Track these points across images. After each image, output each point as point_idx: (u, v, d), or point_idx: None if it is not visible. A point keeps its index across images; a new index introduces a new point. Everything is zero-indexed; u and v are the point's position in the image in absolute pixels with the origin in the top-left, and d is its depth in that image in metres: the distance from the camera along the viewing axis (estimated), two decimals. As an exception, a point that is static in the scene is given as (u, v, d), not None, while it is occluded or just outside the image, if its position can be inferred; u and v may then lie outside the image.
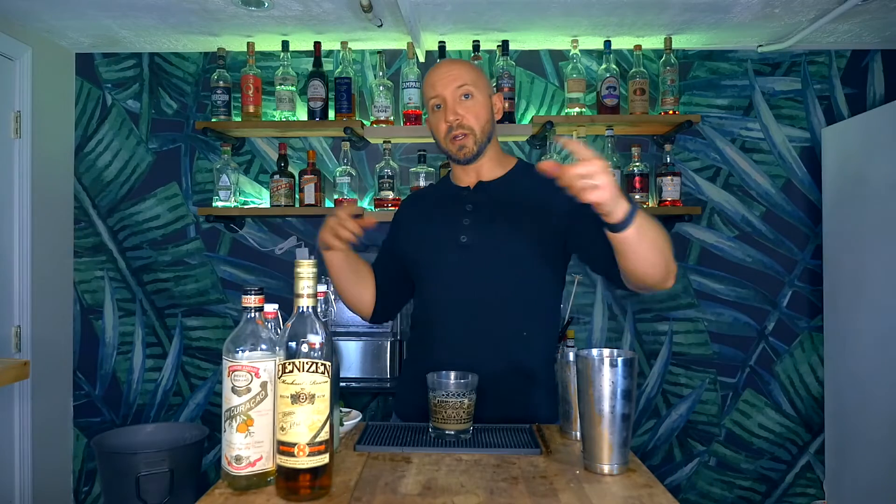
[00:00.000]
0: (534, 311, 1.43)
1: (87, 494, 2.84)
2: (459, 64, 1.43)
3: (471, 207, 1.43)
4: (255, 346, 0.98)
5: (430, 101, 1.42)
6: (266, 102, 2.76)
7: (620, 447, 1.06)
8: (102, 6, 2.35)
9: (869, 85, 2.77)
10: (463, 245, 1.41)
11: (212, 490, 0.98)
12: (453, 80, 1.38)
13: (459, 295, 1.41)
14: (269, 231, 2.84)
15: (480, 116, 1.40)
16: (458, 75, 1.38)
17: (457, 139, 1.39)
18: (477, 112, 1.39)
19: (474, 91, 1.39)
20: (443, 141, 1.42)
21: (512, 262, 1.40)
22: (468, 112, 1.38)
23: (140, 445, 2.34)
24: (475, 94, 1.39)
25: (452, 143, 1.40)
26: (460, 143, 1.39)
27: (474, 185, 1.46)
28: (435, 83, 1.40)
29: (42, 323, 2.61)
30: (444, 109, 1.39)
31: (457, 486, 1.00)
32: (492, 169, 1.47)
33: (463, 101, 1.38)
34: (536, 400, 1.42)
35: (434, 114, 1.42)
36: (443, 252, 1.44)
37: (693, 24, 2.51)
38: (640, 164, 2.63)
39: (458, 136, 1.39)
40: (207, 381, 2.83)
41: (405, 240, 1.54)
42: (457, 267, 1.42)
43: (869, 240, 2.35)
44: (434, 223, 1.48)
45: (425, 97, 1.44)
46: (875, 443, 2.29)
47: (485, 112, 1.41)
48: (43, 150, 2.63)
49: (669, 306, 2.78)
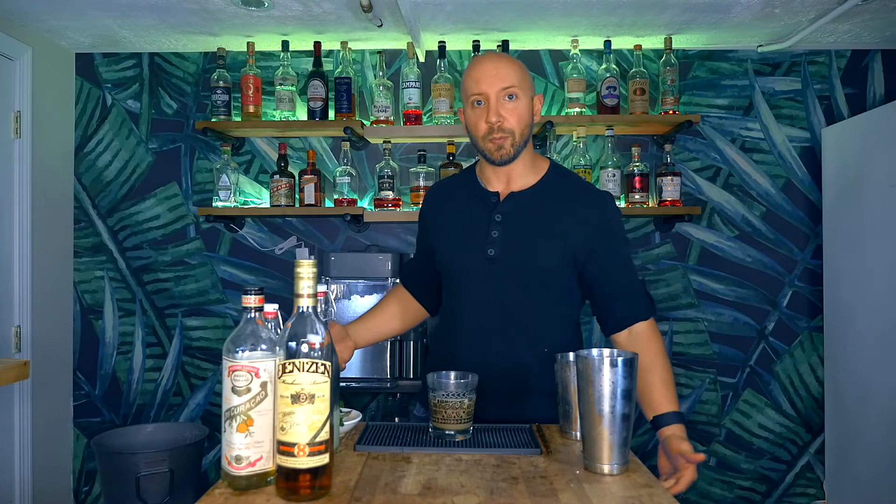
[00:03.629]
0: (556, 326, 1.43)
1: (87, 494, 2.84)
2: (506, 61, 1.36)
3: (500, 218, 1.40)
4: (255, 346, 0.98)
5: (472, 96, 1.36)
6: (266, 102, 2.76)
7: (620, 447, 1.06)
8: (102, 6, 2.35)
9: (869, 85, 2.77)
10: (490, 258, 1.40)
11: (212, 490, 0.98)
12: (501, 80, 1.33)
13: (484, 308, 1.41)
14: (269, 231, 2.84)
15: (522, 119, 1.36)
16: (506, 75, 1.33)
17: (496, 140, 1.35)
18: (520, 115, 1.35)
19: (519, 93, 1.34)
20: (480, 140, 1.38)
21: (538, 279, 1.39)
22: (511, 114, 1.34)
23: (140, 445, 2.34)
24: (520, 95, 1.35)
25: (491, 143, 1.36)
26: (499, 144, 1.35)
27: (504, 193, 1.43)
28: (480, 79, 1.34)
29: (42, 323, 2.61)
30: (485, 107, 1.35)
31: (457, 486, 1.00)
32: (524, 174, 1.43)
33: (507, 103, 1.34)
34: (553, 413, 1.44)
35: (473, 109, 1.37)
36: (470, 263, 1.42)
37: (693, 24, 2.51)
38: (640, 164, 2.63)
39: (498, 138, 1.35)
40: (207, 381, 2.83)
41: (434, 239, 1.52)
42: (483, 279, 1.41)
43: (869, 240, 2.35)
44: (461, 229, 1.46)
45: (465, 91, 1.38)
46: (875, 443, 2.29)
47: (527, 115, 1.38)
48: (43, 150, 2.63)
49: (669, 306, 2.78)
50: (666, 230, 2.78)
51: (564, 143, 2.79)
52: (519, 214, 1.40)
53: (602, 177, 2.60)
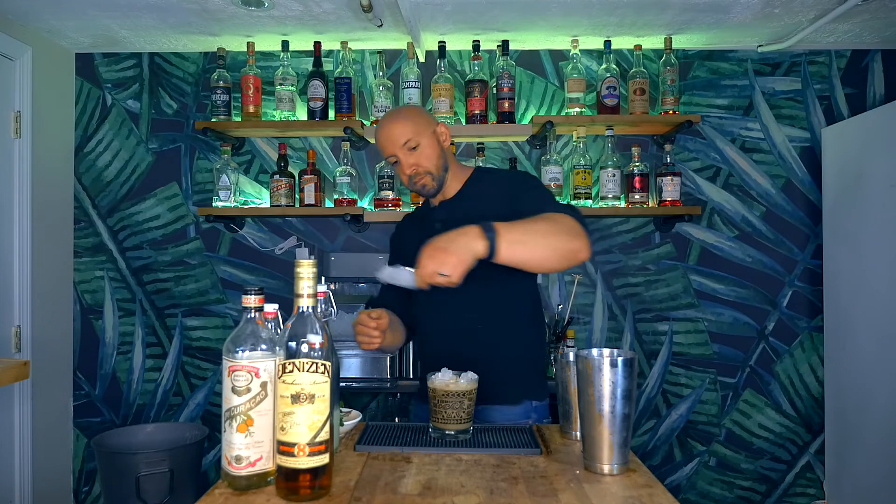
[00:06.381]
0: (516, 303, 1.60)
1: (87, 494, 2.84)
2: (396, 122, 1.58)
3: (440, 226, 1.51)
4: (255, 346, 0.98)
5: (388, 158, 1.60)
6: (266, 102, 2.76)
7: (620, 447, 1.06)
8: (102, 6, 2.35)
9: (869, 85, 2.77)
10: None
11: (212, 490, 0.98)
12: (398, 139, 1.55)
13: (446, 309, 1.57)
14: (269, 231, 2.84)
15: (431, 157, 1.58)
16: (400, 133, 1.55)
17: (417, 183, 1.59)
18: (427, 155, 1.57)
19: (419, 139, 1.56)
20: (409, 186, 1.62)
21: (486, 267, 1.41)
22: (419, 159, 1.57)
23: (140, 445, 2.34)
24: (420, 141, 1.56)
25: (415, 186, 1.60)
26: (422, 184, 1.59)
27: (438, 203, 1.66)
28: (384, 145, 1.58)
29: (42, 323, 2.61)
30: (400, 164, 1.58)
31: (457, 486, 1.00)
32: (451, 184, 1.64)
33: (411, 154, 1.56)
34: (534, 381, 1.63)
35: (394, 165, 1.61)
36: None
37: (693, 24, 2.51)
38: (640, 164, 2.63)
39: (418, 181, 1.58)
40: (207, 381, 2.83)
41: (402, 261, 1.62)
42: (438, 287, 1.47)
43: (869, 240, 2.35)
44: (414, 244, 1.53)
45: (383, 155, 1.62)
46: (875, 443, 2.29)
47: (434, 151, 1.58)
48: (43, 150, 2.63)
49: (669, 306, 2.79)
50: (666, 230, 2.78)
51: (564, 143, 2.79)
52: (453, 216, 1.55)
53: (602, 177, 2.60)
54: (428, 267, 1.24)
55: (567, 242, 1.34)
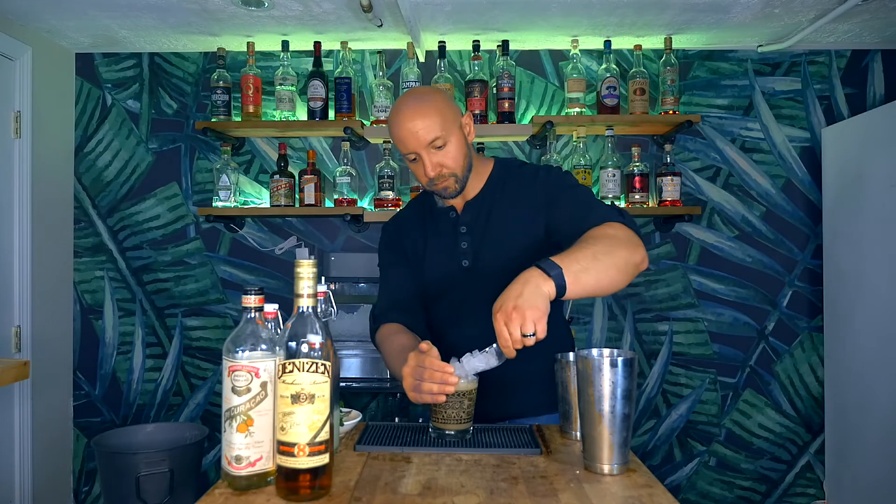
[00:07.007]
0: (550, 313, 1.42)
1: (87, 494, 2.84)
2: (421, 115, 1.32)
3: (465, 229, 1.45)
4: (255, 346, 0.98)
5: (405, 154, 1.38)
6: (266, 102, 2.76)
7: (620, 447, 1.06)
8: (102, 6, 2.35)
9: (869, 85, 2.77)
10: (466, 269, 1.45)
11: (212, 490, 0.98)
12: (424, 137, 1.32)
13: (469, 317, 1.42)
14: (269, 231, 2.84)
15: (458, 157, 1.37)
16: (428, 130, 1.31)
17: (440, 185, 1.38)
18: (454, 155, 1.36)
19: (447, 137, 1.34)
20: (427, 186, 1.41)
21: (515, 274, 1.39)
22: (445, 159, 1.35)
23: (140, 445, 2.34)
24: (449, 139, 1.34)
25: (437, 188, 1.39)
26: (444, 186, 1.38)
27: (461, 205, 1.46)
28: (405, 141, 1.33)
29: (42, 323, 2.61)
30: (420, 163, 1.36)
31: (457, 486, 1.00)
32: (472, 183, 1.45)
33: (437, 153, 1.35)
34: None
35: (411, 162, 1.39)
36: (448, 278, 1.46)
37: (693, 24, 2.51)
38: (640, 164, 2.63)
39: (441, 183, 1.38)
40: (207, 381, 2.83)
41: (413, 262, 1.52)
42: (464, 291, 1.45)
43: (869, 240, 2.35)
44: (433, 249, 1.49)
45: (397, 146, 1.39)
46: (875, 443, 2.29)
47: (461, 151, 1.37)
48: (43, 150, 2.63)
49: (669, 306, 2.78)
50: (666, 230, 2.78)
51: (564, 143, 2.79)
52: (479, 219, 1.44)
53: (602, 177, 2.60)
54: (513, 334, 1.08)
55: (630, 256, 1.21)
